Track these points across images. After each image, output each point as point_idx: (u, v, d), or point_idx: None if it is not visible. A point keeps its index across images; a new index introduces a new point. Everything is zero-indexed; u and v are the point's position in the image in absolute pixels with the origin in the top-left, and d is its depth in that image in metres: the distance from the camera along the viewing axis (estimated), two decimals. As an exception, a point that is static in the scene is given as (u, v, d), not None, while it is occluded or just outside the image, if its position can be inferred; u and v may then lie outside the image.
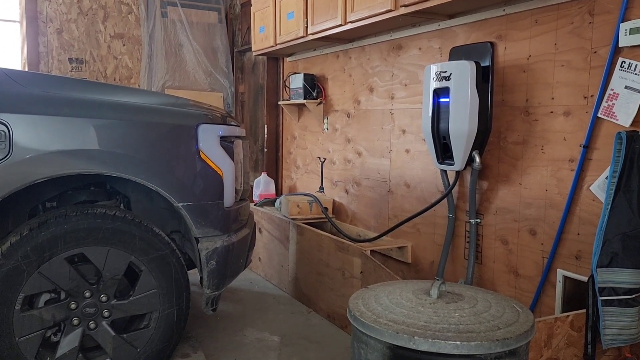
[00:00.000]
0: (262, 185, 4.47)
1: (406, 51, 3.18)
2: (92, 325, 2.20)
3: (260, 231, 3.95)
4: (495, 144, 2.61)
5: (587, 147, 2.19)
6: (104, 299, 2.21)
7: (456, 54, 2.73)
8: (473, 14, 2.68)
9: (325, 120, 4.06)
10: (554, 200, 2.35)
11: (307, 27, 3.59)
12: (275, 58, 4.83)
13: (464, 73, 2.44)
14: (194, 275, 2.55)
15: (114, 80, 5.54)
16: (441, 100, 2.58)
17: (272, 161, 4.89)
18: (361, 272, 2.83)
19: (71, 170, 2.09)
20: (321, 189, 4.07)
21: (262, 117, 5.17)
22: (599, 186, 2.15)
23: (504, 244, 2.59)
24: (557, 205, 2.33)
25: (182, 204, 2.26)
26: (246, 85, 5.69)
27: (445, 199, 2.79)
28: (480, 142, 2.55)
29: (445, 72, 2.52)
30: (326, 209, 3.77)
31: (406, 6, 2.66)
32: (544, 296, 2.40)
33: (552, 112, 2.35)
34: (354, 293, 1.78)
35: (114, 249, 2.19)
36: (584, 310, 1.99)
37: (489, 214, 2.66)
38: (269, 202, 4.19)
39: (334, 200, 3.94)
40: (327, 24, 3.35)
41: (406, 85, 3.19)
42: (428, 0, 2.53)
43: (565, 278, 2.30)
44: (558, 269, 2.33)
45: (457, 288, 1.80)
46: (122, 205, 2.53)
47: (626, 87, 2.04)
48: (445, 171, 2.77)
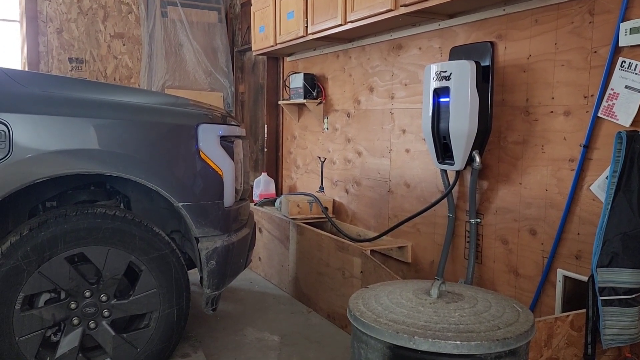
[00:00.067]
0: (262, 185, 4.47)
1: (406, 51, 3.18)
2: (92, 325, 2.20)
3: (261, 231, 3.95)
4: (495, 144, 2.61)
5: (587, 146, 2.19)
6: (104, 298, 2.21)
7: (456, 53, 2.73)
8: (473, 13, 2.68)
9: (326, 120, 4.06)
10: (554, 200, 2.35)
11: (307, 26, 3.59)
12: (275, 58, 4.83)
13: (464, 73, 2.44)
14: (194, 275, 2.55)
15: (114, 80, 5.54)
16: (441, 100, 2.58)
17: (272, 161, 4.89)
18: (361, 272, 2.83)
19: (71, 170, 2.09)
20: (321, 188, 4.07)
21: (262, 117, 5.17)
22: (599, 186, 2.15)
23: (504, 243, 2.59)
24: (557, 205, 2.33)
25: (182, 203, 2.26)
26: (246, 84, 5.69)
27: (445, 198, 2.79)
28: (481, 141, 2.55)
29: (446, 71, 2.52)
30: (326, 208, 3.77)
31: (406, 6, 2.66)
32: (544, 296, 2.40)
33: (552, 111, 2.35)
34: (354, 293, 1.78)
35: (114, 248, 2.19)
36: (584, 310, 1.99)
37: (489, 213, 2.66)
38: (269, 201, 4.19)
39: (334, 200, 3.94)
40: (327, 23, 3.35)
41: (406, 85, 3.19)
42: (428, 0, 2.53)
43: (566, 278, 2.30)
44: (558, 269, 2.33)
45: (457, 288, 1.80)
46: (122, 205, 2.53)
47: (626, 87, 2.04)
48: (445, 171, 2.77)
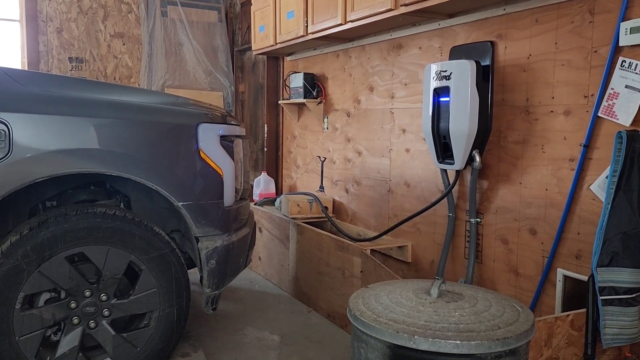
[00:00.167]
0: (262, 184, 4.47)
1: (406, 50, 3.18)
2: (92, 325, 2.20)
3: (261, 230, 3.95)
4: (495, 143, 2.60)
5: (588, 146, 2.19)
6: (104, 298, 2.21)
7: (456, 53, 2.73)
8: (473, 13, 2.68)
9: (326, 120, 4.05)
10: (554, 200, 2.35)
11: (307, 26, 3.59)
12: (275, 57, 4.83)
13: (464, 72, 2.44)
14: (194, 274, 2.55)
15: (114, 79, 5.54)
16: (441, 99, 2.58)
17: (272, 160, 4.89)
18: (361, 272, 2.83)
19: (71, 170, 2.09)
20: (321, 188, 4.07)
21: (262, 117, 5.17)
22: (599, 185, 2.15)
23: (504, 243, 2.59)
24: (558, 204, 2.33)
25: (182, 203, 2.26)
26: (246, 84, 5.69)
27: (446, 198, 2.79)
28: (481, 141, 2.55)
29: (446, 71, 2.52)
30: (326, 208, 3.77)
31: (406, 5, 2.66)
32: (544, 295, 2.40)
33: (552, 111, 2.34)
34: (354, 292, 1.78)
35: (114, 248, 2.19)
36: (584, 310, 1.99)
37: (489, 213, 2.66)
38: (269, 201, 4.19)
39: (334, 199, 3.94)
40: (327, 23, 3.35)
41: (406, 85, 3.19)
42: (428, 0, 2.53)
43: (566, 277, 2.30)
44: (558, 268, 2.33)
45: (457, 287, 1.80)
46: (122, 204, 2.53)
47: (626, 87, 2.04)
48: (445, 170, 2.77)
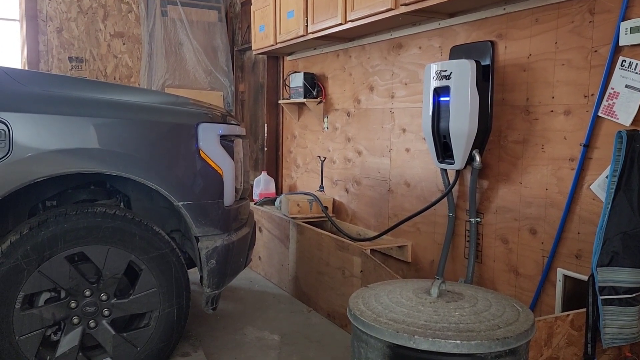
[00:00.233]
0: (262, 184, 4.47)
1: (406, 50, 3.18)
2: (92, 324, 2.20)
3: (261, 230, 3.95)
4: (495, 143, 2.60)
5: (588, 146, 2.19)
6: (104, 297, 2.21)
7: (456, 52, 2.73)
8: (473, 12, 2.68)
9: (326, 119, 4.05)
10: (554, 199, 2.35)
11: (307, 26, 3.58)
12: (275, 57, 4.82)
13: (464, 72, 2.44)
14: (194, 274, 2.55)
15: (114, 79, 5.54)
16: (441, 99, 2.57)
17: (272, 160, 4.89)
18: (361, 271, 2.83)
19: (71, 169, 2.09)
20: (321, 188, 4.07)
21: (262, 116, 5.17)
22: (599, 185, 2.15)
23: (504, 243, 2.59)
24: (558, 204, 2.33)
25: (182, 202, 2.26)
26: (246, 84, 5.69)
27: (446, 198, 2.79)
28: (481, 141, 2.55)
29: (446, 71, 2.52)
30: (326, 208, 3.76)
31: (406, 5, 2.66)
32: (544, 295, 2.40)
33: (552, 111, 2.34)
34: (354, 292, 1.78)
35: (114, 247, 2.19)
36: (584, 310, 1.99)
37: (489, 213, 2.66)
38: (269, 201, 4.19)
39: (334, 199, 3.94)
40: (327, 22, 3.35)
41: (406, 84, 3.19)
42: (428, -1, 2.53)
43: (566, 277, 2.29)
44: (558, 268, 2.33)
45: (457, 287, 1.80)
46: (122, 204, 2.53)
47: (626, 86, 2.04)
48: (445, 170, 2.77)
